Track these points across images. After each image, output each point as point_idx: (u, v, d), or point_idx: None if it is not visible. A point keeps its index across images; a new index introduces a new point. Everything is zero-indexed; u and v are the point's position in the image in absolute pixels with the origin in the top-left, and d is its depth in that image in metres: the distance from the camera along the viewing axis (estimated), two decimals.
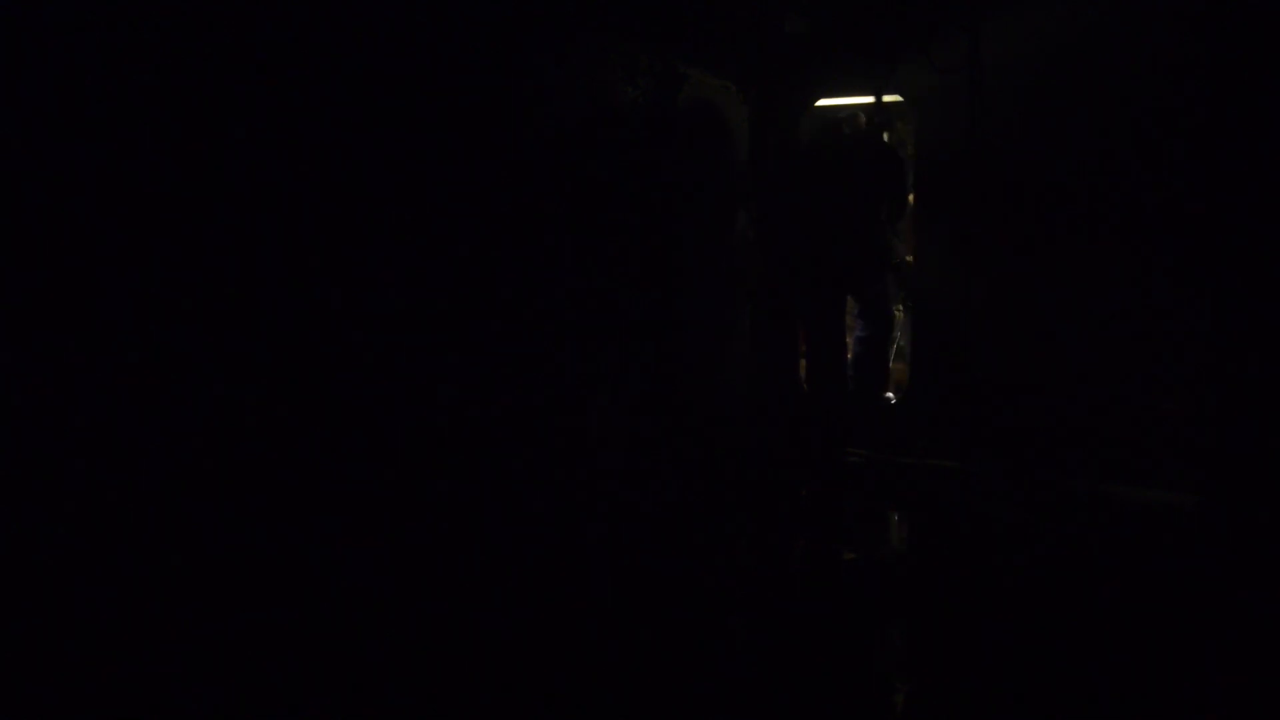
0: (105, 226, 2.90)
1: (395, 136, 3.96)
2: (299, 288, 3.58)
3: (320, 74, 3.70)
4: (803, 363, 5.99)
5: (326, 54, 3.72)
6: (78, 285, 2.83)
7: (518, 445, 4.49)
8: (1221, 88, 4.17)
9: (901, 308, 6.17)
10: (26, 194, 2.69)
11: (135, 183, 2.99)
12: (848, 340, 5.79)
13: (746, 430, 5.66)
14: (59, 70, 2.81)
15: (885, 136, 5.50)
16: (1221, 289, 4.16)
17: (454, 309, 4.20)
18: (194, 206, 3.24)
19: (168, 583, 2.73)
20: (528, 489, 4.43)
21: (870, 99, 5.46)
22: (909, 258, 5.76)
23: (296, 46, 3.63)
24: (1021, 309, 4.78)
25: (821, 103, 5.67)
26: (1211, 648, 2.69)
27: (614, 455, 4.87)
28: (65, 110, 2.81)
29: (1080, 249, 4.59)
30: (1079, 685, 2.44)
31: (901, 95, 5.35)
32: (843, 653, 2.82)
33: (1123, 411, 4.42)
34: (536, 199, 4.49)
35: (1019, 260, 4.77)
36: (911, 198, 5.52)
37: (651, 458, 5.01)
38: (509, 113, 4.37)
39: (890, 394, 5.76)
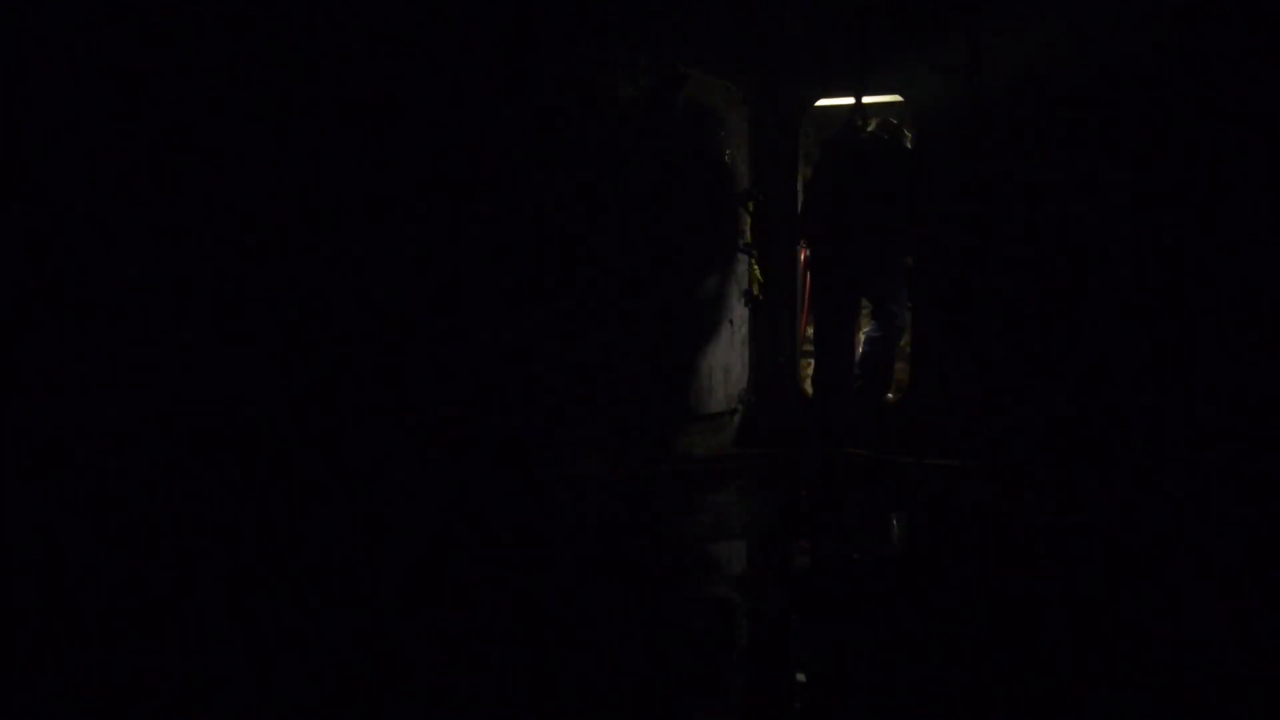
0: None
1: (394, 139, 3.96)
2: (294, 289, 3.59)
3: (317, 75, 3.70)
4: (803, 362, 5.98)
5: (323, 54, 3.71)
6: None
7: (515, 444, 4.49)
8: (1218, 88, 4.17)
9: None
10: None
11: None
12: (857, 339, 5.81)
13: (746, 430, 5.66)
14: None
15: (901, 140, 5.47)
16: (1220, 288, 4.16)
17: (451, 309, 4.20)
18: (186, 203, 3.24)
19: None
20: (523, 489, 4.43)
21: (887, 99, 5.48)
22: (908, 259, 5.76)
23: (293, 45, 3.63)
24: (1019, 308, 4.78)
25: (821, 102, 5.67)
26: (1213, 648, 2.69)
27: (613, 455, 4.87)
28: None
29: (1078, 246, 4.59)
30: (1080, 685, 2.44)
31: (901, 95, 5.35)
32: (843, 653, 2.82)
33: (1123, 410, 4.42)
34: (534, 200, 4.49)
35: (1017, 259, 4.77)
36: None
37: (651, 457, 5.01)
38: (509, 114, 4.37)
39: (890, 394, 5.76)
